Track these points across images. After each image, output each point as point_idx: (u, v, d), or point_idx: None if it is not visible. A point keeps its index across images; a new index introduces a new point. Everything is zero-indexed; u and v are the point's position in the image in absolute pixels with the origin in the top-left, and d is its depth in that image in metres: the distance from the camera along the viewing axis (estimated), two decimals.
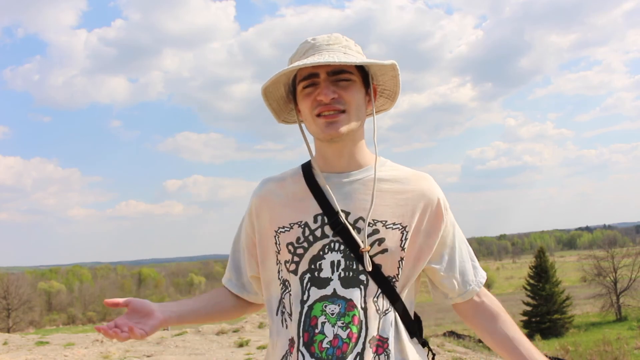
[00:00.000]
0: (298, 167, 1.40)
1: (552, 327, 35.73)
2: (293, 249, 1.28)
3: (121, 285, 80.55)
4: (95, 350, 11.81)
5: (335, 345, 1.21)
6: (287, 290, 1.30)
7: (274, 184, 1.38)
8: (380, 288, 1.25)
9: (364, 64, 1.27)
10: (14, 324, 46.16)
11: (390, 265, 1.27)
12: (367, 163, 1.34)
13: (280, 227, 1.31)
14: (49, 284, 72.05)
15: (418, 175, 1.35)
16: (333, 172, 1.33)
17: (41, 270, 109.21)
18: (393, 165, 1.37)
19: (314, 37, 1.32)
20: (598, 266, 39.51)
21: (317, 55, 1.26)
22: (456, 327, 36.07)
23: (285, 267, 1.30)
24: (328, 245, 1.26)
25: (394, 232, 1.27)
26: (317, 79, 1.26)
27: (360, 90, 1.29)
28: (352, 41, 1.34)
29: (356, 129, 1.30)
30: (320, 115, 1.26)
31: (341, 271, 1.24)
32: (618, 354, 23.11)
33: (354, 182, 1.31)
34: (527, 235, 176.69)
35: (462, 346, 14.31)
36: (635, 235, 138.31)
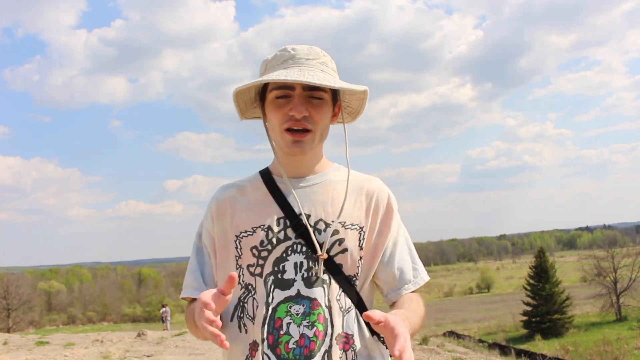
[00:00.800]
0: (256, 173, 1.44)
1: (552, 327, 35.69)
2: (257, 252, 1.31)
3: (121, 285, 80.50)
4: (95, 350, 11.80)
5: (302, 344, 1.23)
6: (249, 294, 1.31)
7: (235, 190, 1.40)
8: (342, 287, 1.30)
9: (342, 89, 1.31)
10: (14, 324, 46.15)
11: (351, 264, 1.32)
12: (324, 168, 1.41)
13: (242, 232, 1.34)
14: (49, 284, 72.04)
15: (369, 178, 1.42)
16: (292, 177, 1.37)
17: (41, 270, 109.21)
18: (346, 171, 1.42)
19: (294, 47, 1.33)
20: (598, 266, 39.45)
21: (297, 69, 1.28)
22: (456, 327, 36.10)
23: (249, 271, 1.32)
24: (291, 247, 1.30)
25: (353, 232, 1.33)
26: (291, 92, 1.29)
27: (329, 109, 1.34)
28: (329, 57, 1.37)
29: (319, 145, 1.37)
30: (289, 130, 1.29)
31: (304, 272, 1.28)
32: (618, 354, 23.13)
33: (313, 185, 1.36)
34: (527, 235, 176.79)
35: (462, 346, 14.31)
36: (635, 235, 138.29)
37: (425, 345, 11.17)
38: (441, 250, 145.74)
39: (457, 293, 78.74)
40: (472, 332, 34.66)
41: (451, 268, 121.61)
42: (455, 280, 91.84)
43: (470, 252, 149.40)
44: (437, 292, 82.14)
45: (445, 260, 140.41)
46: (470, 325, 41.38)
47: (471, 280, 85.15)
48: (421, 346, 11.02)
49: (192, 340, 13.50)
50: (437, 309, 57.71)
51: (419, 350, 10.36)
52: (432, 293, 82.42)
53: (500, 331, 38.73)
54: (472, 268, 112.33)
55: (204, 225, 1.42)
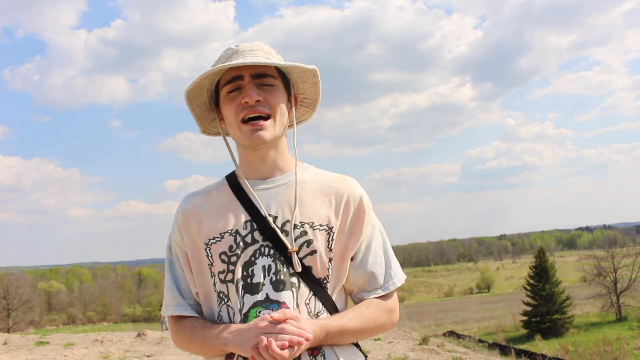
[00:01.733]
0: (222, 179, 1.41)
1: (552, 327, 35.68)
2: (227, 257, 1.28)
3: (121, 285, 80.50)
4: (95, 350, 11.81)
5: None
6: (223, 301, 1.30)
7: (200, 197, 1.38)
8: (312, 290, 1.27)
9: (286, 65, 1.30)
10: (14, 324, 46.16)
11: (320, 266, 1.28)
12: (290, 168, 1.36)
13: (210, 239, 1.31)
14: (49, 284, 72.03)
15: (341, 177, 1.38)
16: (258, 179, 1.35)
17: (41, 270, 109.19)
18: (316, 170, 1.40)
19: (238, 44, 1.34)
20: (598, 266, 39.44)
21: (241, 59, 1.28)
22: (456, 327, 36.08)
23: (219, 278, 1.29)
24: (259, 250, 1.27)
25: (321, 233, 1.29)
26: (241, 82, 1.29)
27: (283, 94, 1.33)
28: (274, 50, 1.37)
29: (280, 136, 1.33)
30: (246, 120, 1.28)
31: (272, 275, 1.25)
32: (618, 354, 23.11)
33: (279, 186, 1.33)
34: (527, 235, 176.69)
35: (462, 346, 14.30)
36: (635, 235, 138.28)
37: (425, 345, 11.17)
38: (441, 250, 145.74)
39: (457, 293, 78.76)
40: (472, 332, 34.63)
41: (451, 268, 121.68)
42: (455, 280, 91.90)
43: (470, 252, 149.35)
44: (437, 292, 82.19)
45: (445, 260, 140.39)
46: (470, 325, 41.38)
47: (471, 280, 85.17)
48: (421, 346, 11.02)
49: None
50: (437, 309, 57.71)
51: (419, 350, 10.36)
52: (432, 293, 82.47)
53: (500, 331, 38.73)
54: (472, 268, 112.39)
55: (173, 237, 1.39)
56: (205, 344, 1.27)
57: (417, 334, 13.88)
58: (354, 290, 1.36)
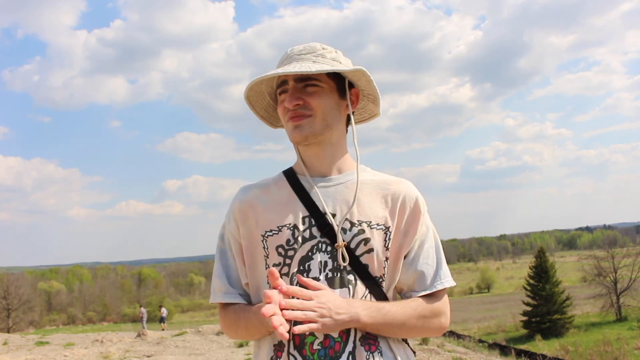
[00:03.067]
0: (279, 173, 1.43)
1: (552, 327, 35.66)
2: (284, 251, 1.30)
3: (121, 285, 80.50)
4: (95, 350, 11.80)
5: (327, 345, 1.24)
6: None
7: (257, 190, 1.40)
8: (368, 288, 1.30)
9: (321, 72, 1.29)
10: (14, 324, 46.13)
11: (377, 265, 1.30)
12: (349, 168, 1.39)
13: (267, 231, 1.33)
14: (49, 284, 72.03)
15: (397, 179, 1.41)
16: (316, 176, 1.37)
17: (41, 270, 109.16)
18: (373, 172, 1.42)
19: (292, 48, 1.36)
20: (598, 266, 39.40)
21: (287, 66, 1.31)
22: (456, 327, 36.05)
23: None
24: (316, 245, 1.29)
25: (378, 232, 1.32)
26: (286, 86, 1.33)
27: (330, 96, 1.33)
28: (331, 49, 1.36)
29: (327, 133, 1.34)
30: (291, 119, 1.33)
31: (328, 271, 1.28)
32: (618, 354, 23.13)
33: (338, 185, 1.36)
34: (527, 235, 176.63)
35: (462, 346, 14.30)
36: (635, 235, 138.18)
37: (425, 345, 11.16)
38: None
39: (457, 293, 78.62)
40: (472, 332, 34.64)
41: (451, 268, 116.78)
42: (455, 280, 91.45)
43: (470, 252, 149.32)
44: None
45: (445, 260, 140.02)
46: (470, 325, 41.35)
47: (471, 281, 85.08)
48: (421, 346, 11.02)
49: (192, 340, 13.50)
50: None
51: (419, 350, 10.35)
52: None
53: (501, 331, 38.70)
54: (472, 268, 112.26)
55: (227, 227, 1.41)
56: (250, 327, 1.31)
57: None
58: (403, 288, 1.38)
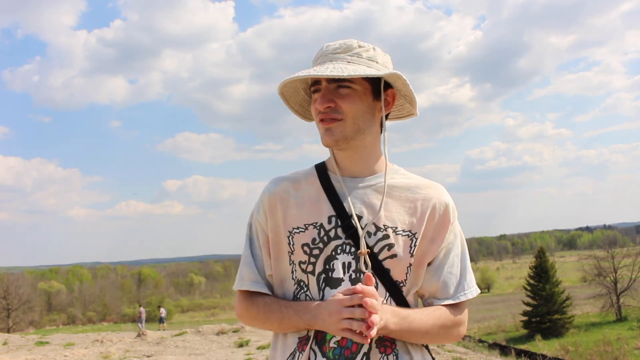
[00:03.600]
0: (311, 167, 1.42)
1: (552, 327, 35.66)
2: (309, 250, 1.30)
3: (121, 285, 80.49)
4: (95, 350, 11.81)
5: (344, 345, 1.25)
6: (302, 290, 1.32)
7: (289, 184, 1.39)
8: (389, 292, 1.29)
9: (351, 77, 1.23)
10: (14, 324, 46.12)
11: (399, 270, 1.30)
12: (381, 170, 1.36)
13: (294, 228, 1.33)
14: (49, 284, 72.03)
15: (429, 183, 1.38)
16: (347, 177, 1.35)
17: (41, 270, 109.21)
18: (405, 174, 1.40)
19: (328, 44, 1.33)
20: (598, 266, 39.39)
21: (321, 65, 1.28)
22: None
23: (301, 268, 1.32)
24: (340, 246, 1.29)
25: (404, 238, 1.30)
26: (320, 86, 1.30)
27: (364, 98, 1.29)
28: (368, 46, 1.32)
29: (359, 137, 1.31)
30: (322, 120, 1.30)
31: (352, 272, 1.28)
32: (618, 354, 23.13)
33: (367, 187, 1.34)
34: (527, 235, 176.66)
35: (462, 346, 14.30)
36: (635, 235, 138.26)
37: None
38: None
39: None
40: (472, 332, 34.64)
41: None
42: None
43: (470, 252, 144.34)
44: None
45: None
46: (470, 325, 41.33)
47: None
48: None
49: (192, 340, 13.50)
50: None
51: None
52: None
53: (501, 331, 38.69)
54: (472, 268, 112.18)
55: (255, 217, 1.41)
56: (284, 322, 1.30)
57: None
58: (425, 295, 1.38)
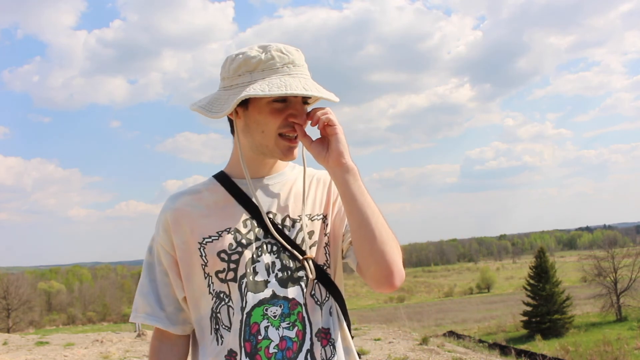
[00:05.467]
0: (209, 178, 1.36)
1: (553, 327, 35.68)
2: (227, 256, 1.25)
3: (121, 285, 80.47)
4: (95, 350, 11.81)
5: (284, 347, 1.20)
6: (222, 302, 1.25)
7: (189, 197, 1.33)
8: (317, 278, 1.27)
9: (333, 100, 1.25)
10: (13, 324, 46.12)
11: (321, 254, 1.31)
12: (281, 168, 1.39)
13: (205, 238, 1.27)
14: (49, 284, 72.04)
15: (319, 171, 1.43)
16: (252, 178, 1.33)
17: (41, 270, 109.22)
18: (300, 167, 1.43)
19: (289, 50, 1.25)
20: (598, 266, 39.43)
21: (295, 78, 1.21)
22: (456, 327, 36.06)
23: (219, 278, 1.25)
24: (261, 247, 1.26)
25: (319, 222, 1.34)
26: (292, 98, 1.25)
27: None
28: (303, 56, 1.31)
29: None
30: (283, 135, 1.26)
31: (277, 272, 1.25)
32: (618, 354, 23.11)
33: (274, 185, 1.35)
34: (527, 235, 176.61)
35: (462, 346, 14.28)
36: (635, 235, 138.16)
37: (425, 345, 11.16)
38: (441, 250, 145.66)
39: (457, 293, 78.72)
40: (472, 332, 34.62)
41: (451, 268, 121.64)
42: (455, 281, 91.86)
43: (470, 252, 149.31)
44: (437, 292, 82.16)
45: (445, 260, 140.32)
46: (470, 325, 41.37)
47: (471, 281, 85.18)
48: (421, 346, 11.02)
49: None
50: (437, 309, 57.69)
51: (419, 350, 10.35)
52: (432, 293, 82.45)
53: (501, 331, 38.72)
54: (472, 268, 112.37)
55: (156, 239, 1.33)
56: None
57: (417, 334, 13.86)
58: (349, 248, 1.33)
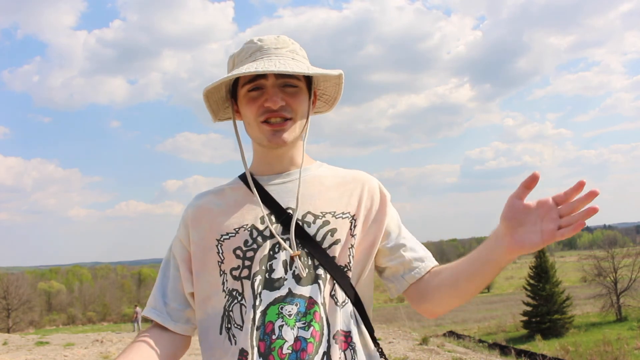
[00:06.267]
0: (235, 178, 1.37)
1: (553, 328, 35.65)
2: (242, 253, 1.22)
3: (121, 285, 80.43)
4: (95, 350, 11.80)
5: (298, 348, 1.13)
6: (235, 300, 1.22)
7: (212, 195, 1.34)
8: (335, 279, 1.21)
9: (316, 74, 1.24)
10: (14, 324, 46.14)
11: (343, 254, 1.23)
12: (306, 163, 1.34)
13: (223, 235, 1.25)
14: (48, 284, 72.00)
15: (355, 171, 1.38)
16: (272, 174, 1.31)
17: (41, 270, 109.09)
18: (330, 167, 1.40)
19: (261, 38, 1.28)
20: (598, 266, 39.41)
21: (266, 60, 1.22)
22: (456, 327, 36.06)
23: (232, 276, 1.22)
24: (278, 244, 1.21)
25: (344, 221, 1.26)
26: (264, 82, 1.23)
27: (306, 97, 1.29)
28: (298, 44, 1.31)
29: (299, 136, 1.31)
30: (267, 122, 1.24)
31: (295, 268, 1.19)
32: (618, 354, 23.10)
33: (295, 180, 1.30)
34: None
35: (462, 346, 14.28)
36: (635, 235, 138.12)
37: (426, 346, 11.16)
38: (441, 250, 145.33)
39: None
40: (472, 332, 34.60)
41: None
42: None
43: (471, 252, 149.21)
44: None
45: (445, 260, 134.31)
46: (470, 325, 41.34)
47: None
48: (421, 346, 11.01)
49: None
50: None
51: (419, 350, 10.35)
52: None
53: (501, 331, 38.69)
54: None
55: (176, 235, 1.34)
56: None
57: (417, 334, 13.87)
58: (399, 269, 1.31)
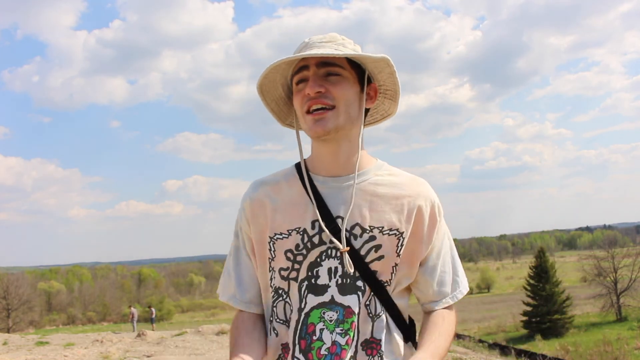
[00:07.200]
0: (291, 167, 1.36)
1: (553, 327, 35.66)
2: (292, 256, 1.26)
3: (121, 285, 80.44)
4: (95, 350, 11.80)
5: (334, 352, 1.21)
6: (280, 298, 1.29)
7: (269, 188, 1.33)
8: (374, 292, 1.25)
9: (349, 56, 1.23)
10: (14, 324, 46.09)
11: (385, 270, 1.26)
12: (364, 166, 1.30)
13: (277, 234, 1.28)
14: (48, 284, 72.01)
15: (415, 180, 1.33)
16: (329, 176, 1.29)
17: (41, 270, 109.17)
18: (390, 170, 1.34)
19: (310, 37, 1.29)
20: (598, 266, 39.40)
21: (306, 51, 1.23)
22: (456, 327, 36.06)
23: (280, 275, 1.28)
24: (325, 252, 1.25)
25: (391, 238, 1.25)
26: (307, 72, 1.24)
27: (353, 87, 1.26)
28: (351, 41, 1.29)
29: (348, 128, 1.26)
30: (310, 111, 1.23)
31: (338, 278, 1.24)
32: (618, 354, 23.10)
33: (351, 187, 1.27)
34: (527, 235, 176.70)
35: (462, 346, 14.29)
36: (635, 235, 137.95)
37: None
38: None
39: None
40: (472, 332, 34.62)
41: None
42: None
43: (470, 252, 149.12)
44: None
45: None
46: (470, 325, 41.33)
47: (471, 281, 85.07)
48: None
49: (192, 340, 13.50)
50: None
51: None
52: None
53: (501, 331, 38.68)
54: (472, 268, 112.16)
55: (239, 224, 1.37)
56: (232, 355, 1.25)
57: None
58: (422, 297, 1.35)
